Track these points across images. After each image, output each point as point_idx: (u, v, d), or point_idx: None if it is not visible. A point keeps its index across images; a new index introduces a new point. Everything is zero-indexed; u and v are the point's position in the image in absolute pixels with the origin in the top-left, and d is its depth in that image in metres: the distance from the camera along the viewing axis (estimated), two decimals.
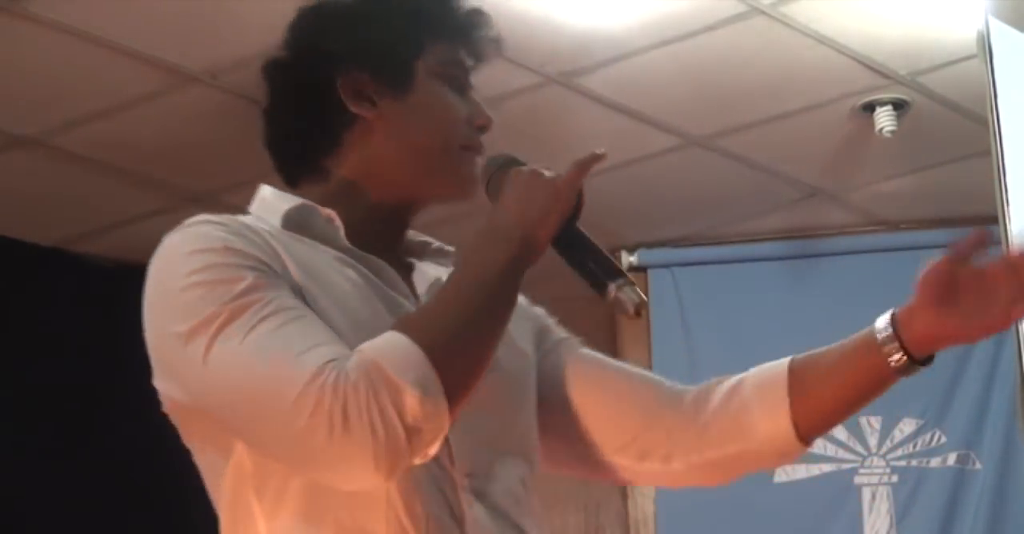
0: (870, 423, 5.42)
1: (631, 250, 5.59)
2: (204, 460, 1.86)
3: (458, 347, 1.69)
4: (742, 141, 4.93)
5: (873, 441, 5.41)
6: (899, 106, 4.71)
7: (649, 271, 5.58)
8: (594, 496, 5.74)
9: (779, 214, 5.48)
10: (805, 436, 1.94)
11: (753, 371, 1.99)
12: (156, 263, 1.82)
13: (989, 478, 5.29)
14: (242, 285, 1.71)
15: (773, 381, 1.95)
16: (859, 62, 4.48)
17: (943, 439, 5.37)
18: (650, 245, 5.60)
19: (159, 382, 1.81)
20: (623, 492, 5.62)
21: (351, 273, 1.83)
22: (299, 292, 1.75)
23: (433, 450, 1.69)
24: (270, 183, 2.02)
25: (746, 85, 4.58)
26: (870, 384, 1.99)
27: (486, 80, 2.02)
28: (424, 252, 2.00)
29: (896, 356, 1.98)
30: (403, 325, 1.69)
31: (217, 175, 4.95)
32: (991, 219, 3.58)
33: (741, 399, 1.96)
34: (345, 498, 1.72)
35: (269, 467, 1.75)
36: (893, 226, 5.62)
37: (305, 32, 1.99)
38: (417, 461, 1.68)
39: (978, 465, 5.32)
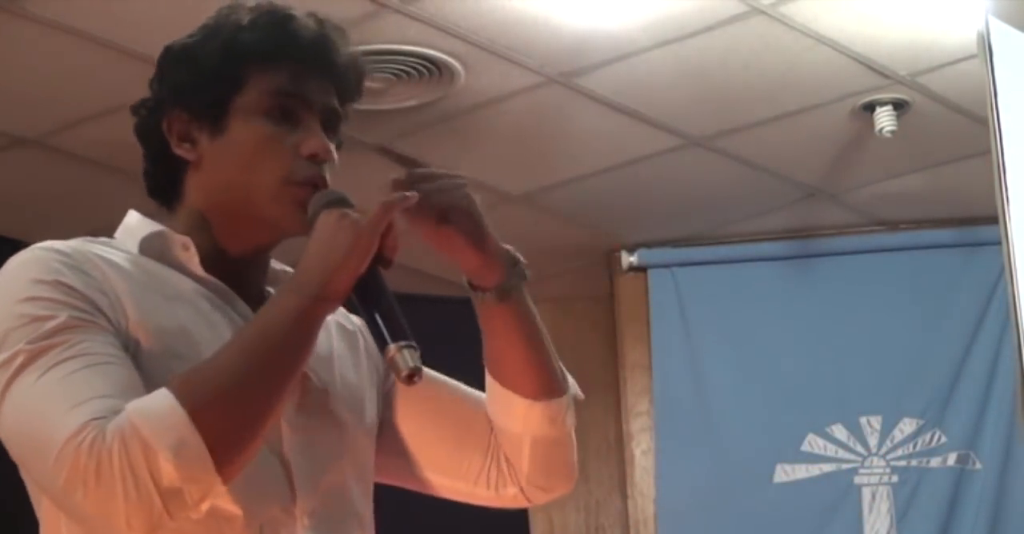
0: (870, 423, 5.42)
1: (631, 250, 5.58)
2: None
3: (230, 405, 1.66)
4: (742, 141, 4.93)
5: (873, 441, 5.41)
6: (899, 106, 4.70)
7: (649, 271, 5.58)
8: (594, 496, 5.74)
9: (779, 214, 5.48)
10: (528, 394, 1.98)
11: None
12: None
13: (989, 478, 5.29)
14: (52, 324, 1.71)
15: (490, 388, 2.03)
16: (859, 62, 4.48)
17: (943, 439, 5.37)
18: (650, 245, 5.60)
19: None
20: (623, 492, 5.62)
21: (203, 302, 1.84)
22: (124, 331, 1.75)
23: (206, 505, 1.67)
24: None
25: (746, 85, 4.57)
26: (491, 321, 2.02)
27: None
28: (286, 279, 1.90)
29: (478, 294, 2.01)
30: (174, 382, 1.67)
31: None
32: (991, 219, 3.58)
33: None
34: None
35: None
36: (893, 226, 5.62)
37: (154, 73, 1.99)
38: (194, 516, 1.68)
39: (978, 465, 5.32)
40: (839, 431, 5.42)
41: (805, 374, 5.42)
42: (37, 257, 1.80)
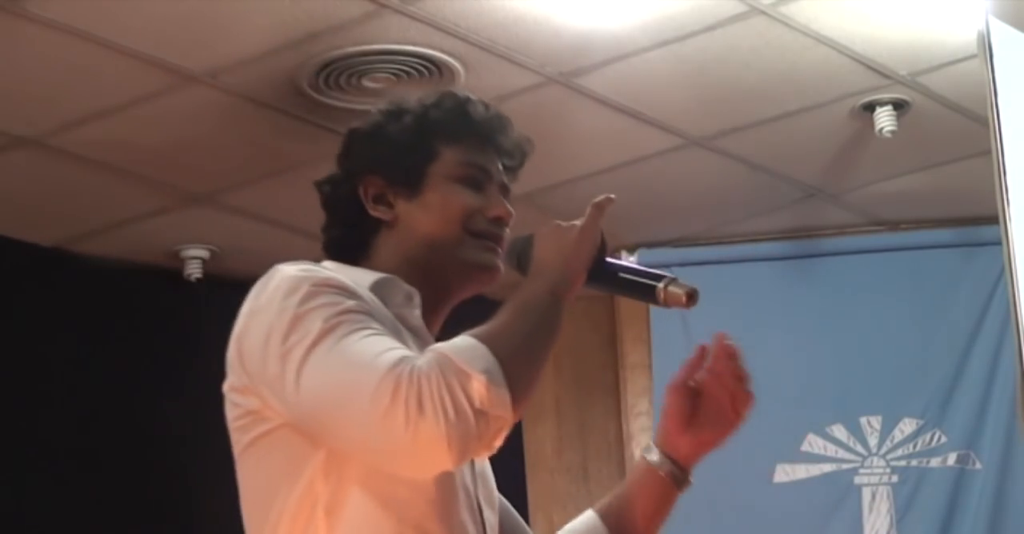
0: (870, 423, 5.42)
1: (631, 250, 5.58)
2: (264, 473, 2.00)
3: (518, 354, 1.88)
4: (742, 141, 4.93)
5: (873, 441, 5.41)
6: (899, 106, 4.71)
7: None
8: (594, 496, 5.72)
9: (779, 214, 5.48)
10: None
11: (567, 528, 2.28)
12: (269, 287, 2.02)
13: (989, 478, 5.29)
14: (342, 307, 1.92)
15: (594, 529, 2.26)
16: (859, 62, 4.48)
17: (943, 439, 5.37)
18: (650, 245, 5.60)
19: (245, 398, 2.02)
20: None
21: (412, 347, 2.01)
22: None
23: (498, 442, 1.88)
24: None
25: (746, 85, 4.58)
26: (662, 502, 2.27)
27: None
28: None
29: (676, 475, 2.28)
30: (470, 333, 1.90)
31: (217, 175, 4.95)
32: (991, 219, 3.58)
33: None
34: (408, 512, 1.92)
35: (343, 491, 1.92)
36: (893, 226, 5.62)
37: (340, 153, 2.24)
38: (484, 453, 1.92)
39: (978, 465, 5.32)
40: (839, 431, 5.42)
41: (805, 374, 5.42)
42: (307, 266, 2.03)
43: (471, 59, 4.35)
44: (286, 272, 2.01)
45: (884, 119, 4.70)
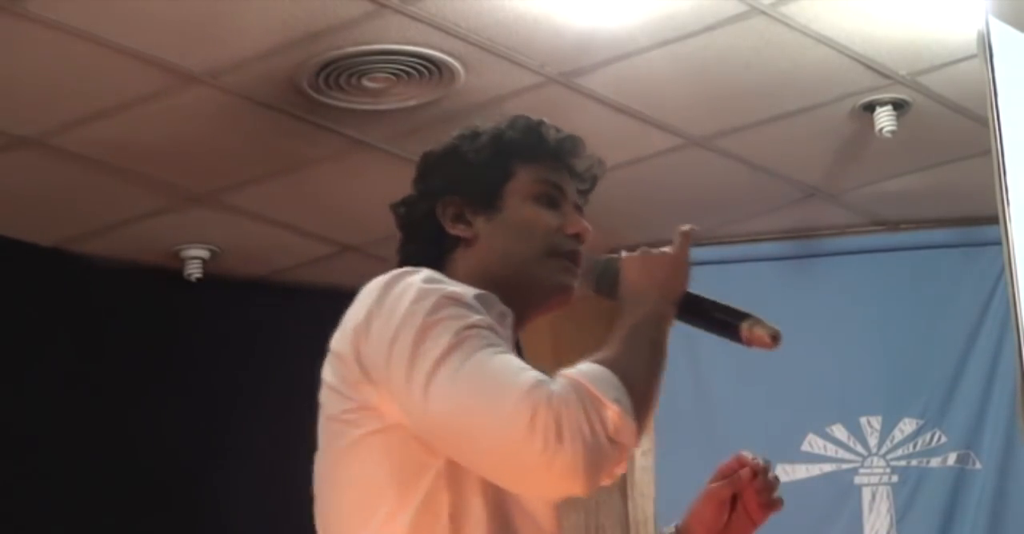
0: (870, 423, 5.42)
1: (631, 250, 5.57)
2: (372, 472, 1.98)
3: (639, 382, 1.93)
4: (742, 141, 4.93)
5: (873, 441, 5.41)
6: (899, 106, 4.71)
7: None
8: (594, 496, 5.73)
9: (779, 214, 5.48)
10: None
11: None
12: (393, 291, 1.99)
13: (989, 478, 5.28)
14: (470, 320, 1.94)
15: None
16: (859, 62, 4.48)
17: (943, 439, 5.37)
18: (650, 245, 5.58)
19: (358, 392, 2.00)
20: (623, 492, 5.62)
21: None
22: None
23: (620, 470, 1.95)
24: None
25: (746, 85, 4.58)
26: None
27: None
28: None
29: None
30: (594, 360, 1.94)
31: (217, 175, 4.95)
32: (991, 219, 3.58)
33: None
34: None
35: (465, 498, 1.94)
36: (893, 226, 5.62)
37: (416, 175, 2.30)
38: (606, 481, 1.93)
39: (978, 465, 5.31)
40: (839, 431, 5.42)
41: (805, 374, 5.41)
42: (432, 277, 2.01)
43: (471, 59, 4.35)
44: (411, 279, 2.00)
45: (884, 119, 4.70)
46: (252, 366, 5.52)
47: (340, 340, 2.04)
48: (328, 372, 2.07)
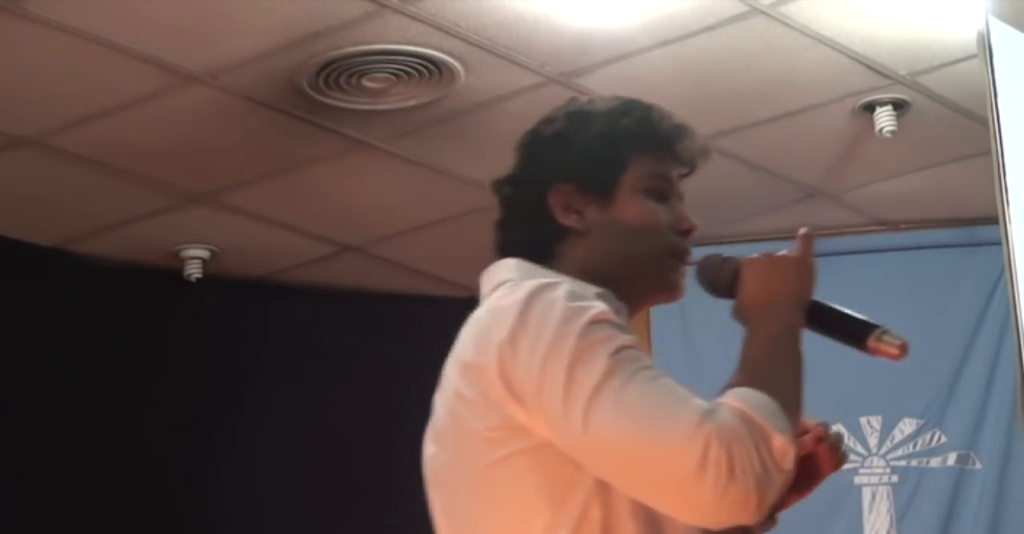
0: (870, 423, 5.42)
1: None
2: (521, 490, 1.94)
3: (791, 401, 1.93)
4: (742, 141, 4.93)
5: (873, 441, 5.41)
6: (899, 106, 4.70)
7: None
8: None
9: (779, 214, 5.48)
10: None
11: None
12: (537, 307, 1.94)
13: (989, 478, 5.28)
14: (619, 342, 1.90)
15: None
16: (859, 62, 4.48)
17: (943, 439, 5.37)
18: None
19: (502, 409, 1.92)
20: None
21: None
22: None
23: (776, 499, 1.91)
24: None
25: (746, 85, 4.57)
26: None
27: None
28: None
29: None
30: (746, 382, 1.93)
31: (217, 175, 4.95)
32: (991, 219, 3.58)
33: None
34: None
35: (617, 513, 1.90)
36: (893, 226, 5.62)
37: (523, 155, 2.23)
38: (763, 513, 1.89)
39: (978, 465, 5.32)
40: (839, 431, 5.41)
41: (805, 374, 5.41)
42: (575, 293, 1.96)
43: (471, 59, 4.35)
44: (553, 295, 1.95)
45: (884, 119, 4.70)
46: (252, 366, 5.52)
47: (477, 353, 1.96)
48: (462, 383, 1.98)
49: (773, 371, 1.95)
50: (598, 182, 2.13)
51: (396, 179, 5.02)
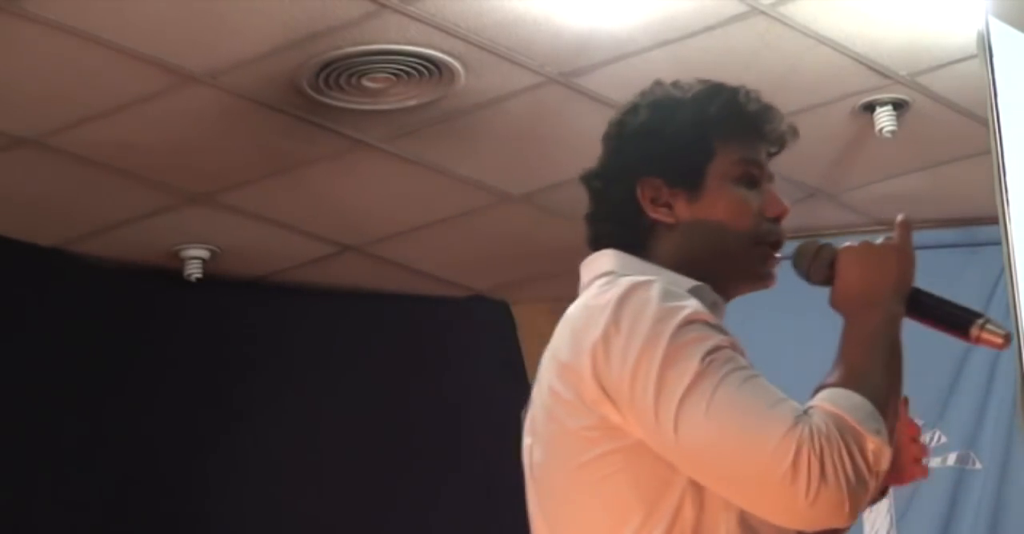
0: None
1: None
2: (614, 489, 1.95)
3: (888, 399, 1.92)
4: None
5: None
6: (899, 106, 4.70)
7: None
8: None
9: None
10: None
11: None
12: (630, 307, 1.95)
13: (989, 478, 5.28)
14: (712, 343, 1.91)
15: None
16: (859, 62, 4.48)
17: (943, 439, 5.36)
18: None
19: (597, 409, 1.93)
20: None
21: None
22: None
23: (872, 497, 1.91)
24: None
25: (746, 85, 4.57)
26: None
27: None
28: None
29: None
30: (841, 383, 1.93)
31: (217, 175, 4.95)
32: (991, 219, 3.58)
33: None
34: None
35: (711, 513, 1.91)
36: (893, 226, 5.61)
37: (609, 148, 2.20)
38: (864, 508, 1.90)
39: (978, 465, 5.31)
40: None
41: (805, 374, 5.40)
42: (668, 292, 1.96)
43: (471, 59, 4.34)
44: (647, 295, 1.95)
45: (884, 119, 4.70)
46: (252, 366, 5.52)
47: (572, 354, 1.96)
48: (558, 383, 1.98)
49: (869, 368, 1.94)
50: (685, 174, 2.11)
51: (396, 179, 5.02)
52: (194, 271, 5.43)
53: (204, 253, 5.43)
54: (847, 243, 2.08)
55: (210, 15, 4.11)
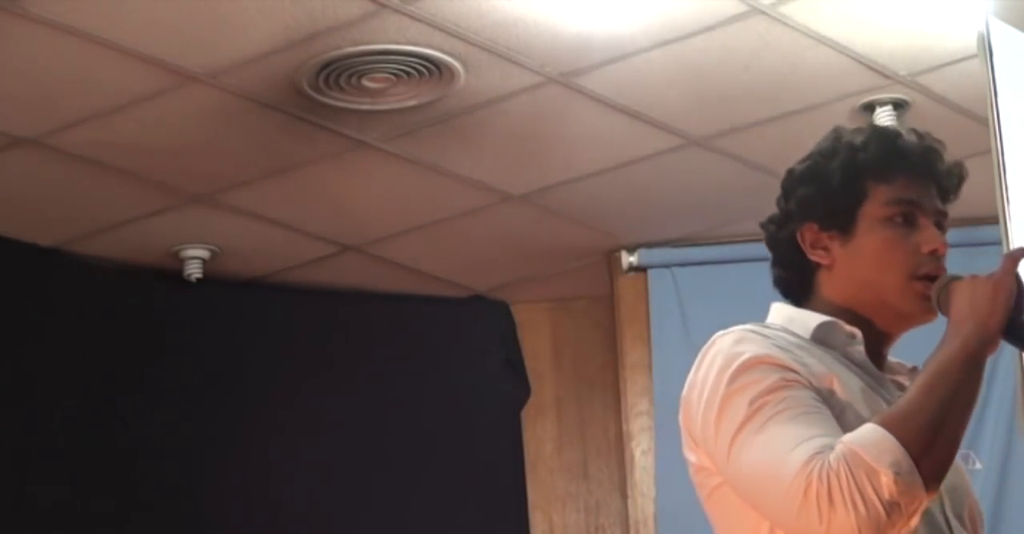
0: None
1: (631, 250, 5.58)
2: (724, 520, 2.19)
3: (928, 433, 2.00)
4: (742, 141, 4.93)
5: None
6: (899, 106, 4.70)
7: (649, 271, 5.57)
8: (594, 496, 5.74)
9: None
10: None
11: None
12: (707, 357, 2.19)
13: (989, 478, 5.28)
14: (766, 384, 2.07)
15: None
16: (859, 62, 4.48)
17: None
18: (650, 245, 5.59)
19: (695, 455, 2.18)
20: (623, 492, 5.62)
21: (858, 381, 2.19)
22: (819, 391, 2.11)
23: (915, 521, 2.02)
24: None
25: (746, 85, 4.58)
26: None
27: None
28: (901, 371, 2.33)
29: None
30: (880, 418, 2.02)
31: (217, 175, 4.95)
32: (991, 219, 3.58)
33: None
34: None
35: None
36: None
37: (781, 193, 2.38)
38: (902, 525, 2.00)
39: (978, 465, 5.31)
40: None
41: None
42: (742, 338, 2.17)
43: (471, 59, 4.35)
44: (723, 343, 2.17)
45: (884, 119, 4.70)
46: (252, 366, 5.52)
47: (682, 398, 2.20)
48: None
49: (917, 406, 2.03)
50: (837, 217, 2.26)
51: (396, 179, 5.03)
52: (194, 271, 5.43)
53: (204, 253, 5.43)
54: (971, 275, 2.21)
55: (210, 15, 4.11)
